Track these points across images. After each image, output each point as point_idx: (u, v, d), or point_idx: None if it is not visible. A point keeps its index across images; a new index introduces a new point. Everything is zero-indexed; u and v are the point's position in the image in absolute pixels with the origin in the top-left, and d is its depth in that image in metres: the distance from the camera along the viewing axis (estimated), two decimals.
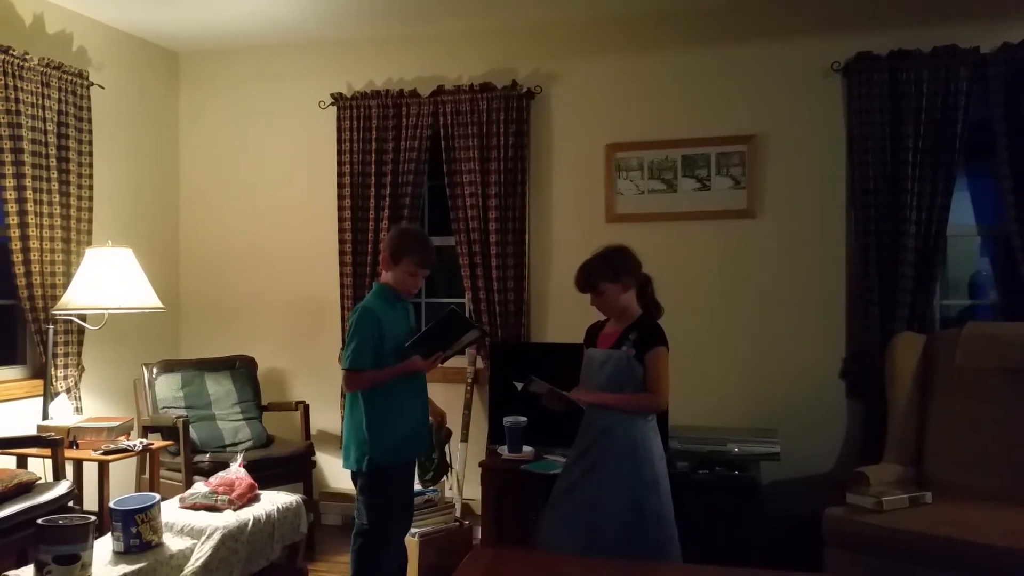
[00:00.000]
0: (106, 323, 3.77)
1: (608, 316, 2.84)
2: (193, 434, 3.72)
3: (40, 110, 3.67)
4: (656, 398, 2.67)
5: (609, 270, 2.73)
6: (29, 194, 3.61)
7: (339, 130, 4.34)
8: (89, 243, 3.88)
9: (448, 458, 3.31)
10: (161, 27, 4.28)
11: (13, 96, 3.54)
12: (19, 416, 3.66)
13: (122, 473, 3.81)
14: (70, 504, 2.99)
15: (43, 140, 3.68)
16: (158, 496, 2.90)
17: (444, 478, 3.53)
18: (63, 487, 2.98)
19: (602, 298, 2.76)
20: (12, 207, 3.58)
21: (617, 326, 2.80)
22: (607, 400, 2.70)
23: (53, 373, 3.69)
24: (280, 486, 3.57)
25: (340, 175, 4.33)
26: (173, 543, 2.87)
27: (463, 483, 3.98)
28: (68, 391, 3.75)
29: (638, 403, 2.69)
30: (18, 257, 3.61)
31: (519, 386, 2.81)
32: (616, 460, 2.68)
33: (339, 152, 4.34)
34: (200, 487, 3.22)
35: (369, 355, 2.72)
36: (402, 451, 2.84)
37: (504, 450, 3.69)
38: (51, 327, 3.66)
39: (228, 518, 3.03)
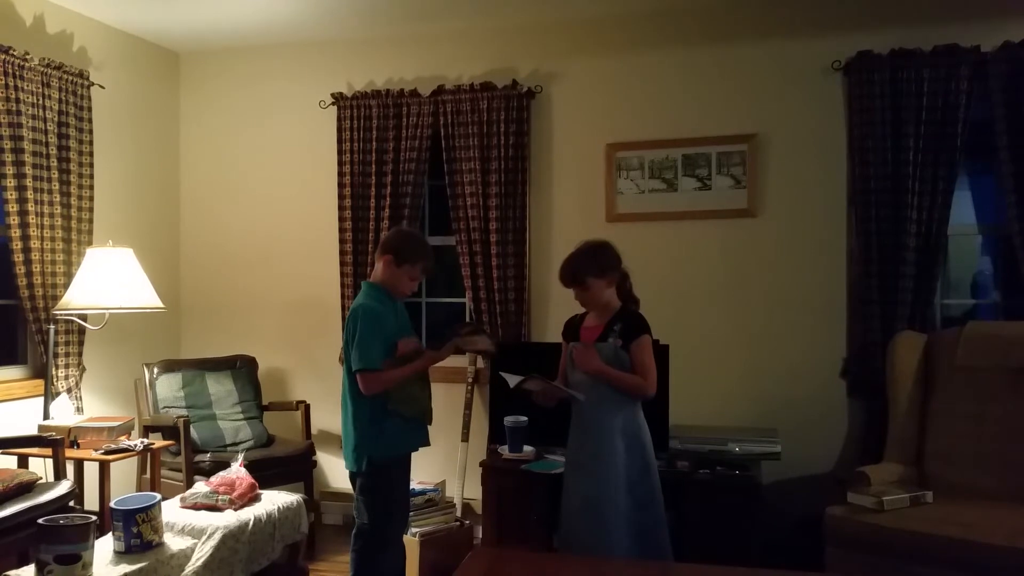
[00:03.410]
0: (107, 323, 3.77)
1: (590, 310, 2.89)
2: (194, 434, 3.72)
3: (41, 110, 3.67)
4: (647, 384, 2.73)
5: (595, 266, 2.79)
6: (30, 194, 3.61)
7: (339, 130, 4.34)
8: (90, 243, 3.88)
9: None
10: (161, 27, 4.28)
11: (14, 96, 3.54)
12: (20, 416, 3.66)
13: (123, 473, 3.81)
14: (71, 504, 2.99)
15: (44, 140, 3.69)
16: (159, 496, 2.90)
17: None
18: (64, 487, 2.98)
19: (587, 293, 2.81)
20: (13, 207, 3.59)
21: (598, 319, 2.84)
22: (607, 370, 2.72)
23: (54, 373, 3.69)
24: (281, 486, 3.57)
25: (340, 175, 4.33)
26: (174, 543, 2.87)
27: (464, 483, 3.98)
28: (69, 391, 3.75)
29: (633, 383, 2.73)
30: (19, 257, 3.61)
31: (511, 381, 2.82)
32: (609, 448, 2.72)
33: (339, 152, 4.34)
34: (201, 487, 3.22)
35: (380, 353, 2.71)
36: (400, 447, 2.84)
37: (505, 450, 3.69)
38: (52, 327, 3.66)
39: (229, 518, 3.03)
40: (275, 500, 3.27)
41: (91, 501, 3.47)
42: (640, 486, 2.74)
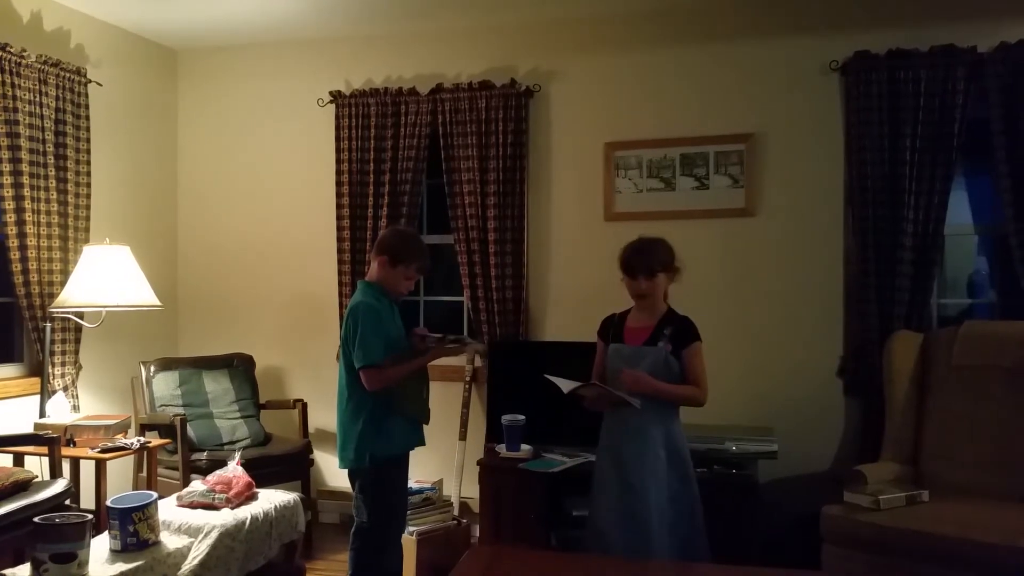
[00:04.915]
0: (104, 321, 3.76)
1: (643, 304, 2.82)
2: (191, 432, 3.71)
3: (38, 107, 3.66)
4: (701, 393, 2.71)
5: (667, 259, 2.76)
6: (27, 191, 3.60)
7: (338, 128, 4.34)
8: (87, 240, 3.87)
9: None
10: (159, 24, 4.27)
11: (11, 93, 3.53)
12: (16, 414, 3.65)
13: (119, 471, 3.81)
14: (67, 502, 2.98)
15: (41, 137, 3.68)
16: (155, 494, 2.90)
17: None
18: (60, 485, 2.98)
19: (652, 285, 2.75)
20: (10, 204, 3.58)
21: (644, 320, 2.80)
22: (660, 388, 2.68)
23: (50, 371, 3.68)
24: (278, 484, 3.57)
25: (339, 173, 4.32)
26: (170, 541, 2.86)
27: (461, 481, 3.98)
28: (65, 389, 3.74)
29: (687, 395, 2.72)
30: (15, 255, 3.60)
31: (564, 387, 2.74)
32: (652, 457, 2.69)
33: (338, 150, 4.33)
34: (197, 485, 3.21)
35: (382, 348, 2.71)
36: (400, 446, 2.84)
37: (502, 448, 3.69)
38: (48, 325, 3.65)
39: (226, 516, 3.02)
40: (272, 499, 3.26)
41: (87, 499, 3.46)
42: (681, 497, 2.71)
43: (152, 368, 3.99)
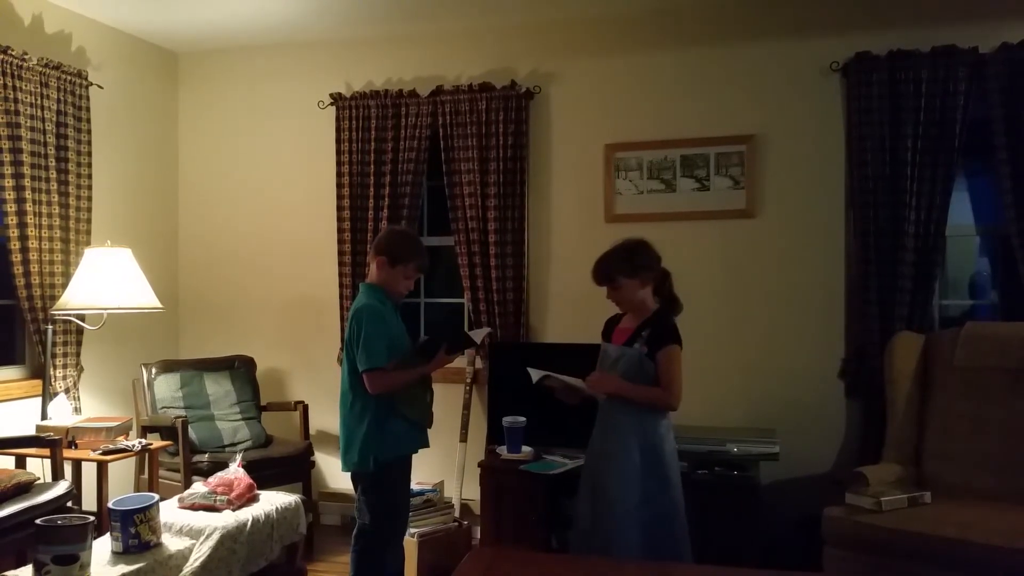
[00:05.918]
0: (105, 323, 3.77)
1: (624, 310, 2.85)
2: (192, 434, 3.72)
3: (39, 110, 3.66)
4: (668, 396, 2.68)
5: (627, 265, 2.74)
6: (28, 194, 3.61)
7: (338, 130, 4.34)
8: (88, 243, 3.88)
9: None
10: (160, 27, 4.28)
11: (12, 96, 3.54)
12: (18, 416, 3.65)
13: (121, 473, 3.81)
14: (69, 504, 2.98)
15: (42, 140, 3.68)
16: (157, 496, 2.90)
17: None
18: (62, 487, 2.98)
19: (619, 292, 2.76)
20: (11, 207, 3.58)
21: (633, 321, 2.80)
22: (623, 388, 2.69)
23: (52, 373, 3.69)
24: (279, 486, 3.57)
25: (339, 175, 4.33)
26: (172, 543, 2.87)
27: (462, 483, 3.98)
28: (67, 391, 3.75)
29: (652, 397, 2.69)
30: (17, 257, 3.61)
31: (533, 376, 2.79)
32: (627, 456, 2.69)
33: (338, 152, 4.34)
34: (199, 487, 3.22)
35: (385, 351, 2.71)
36: (403, 448, 2.84)
37: (503, 450, 3.69)
38: (50, 327, 3.66)
39: (227, 518, 3.02)
40: (273, 500, 3.26)
41: (89, 501, 3.47)
42: (656, 500, 2.68)
43: (153, 370, 3.99)
